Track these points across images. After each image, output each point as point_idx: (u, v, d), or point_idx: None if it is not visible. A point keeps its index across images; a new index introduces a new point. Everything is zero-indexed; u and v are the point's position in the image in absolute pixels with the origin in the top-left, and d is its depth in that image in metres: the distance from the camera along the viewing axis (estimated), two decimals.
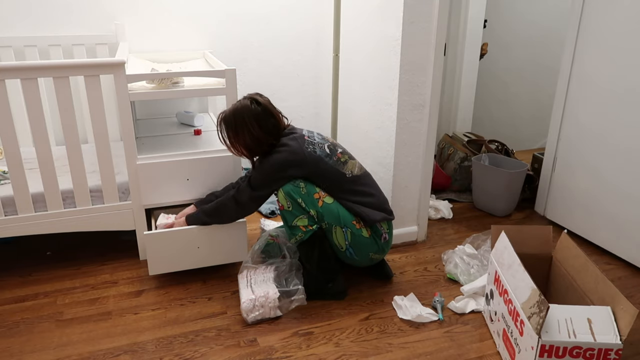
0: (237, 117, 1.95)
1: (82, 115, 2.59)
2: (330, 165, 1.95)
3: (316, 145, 1.97)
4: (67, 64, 1.95)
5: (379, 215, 1.98)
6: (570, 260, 1.79)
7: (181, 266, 2.10)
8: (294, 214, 1.91)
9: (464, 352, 1.77)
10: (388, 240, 2.03)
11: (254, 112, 1.94)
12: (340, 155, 2.00)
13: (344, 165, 1.98)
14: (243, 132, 1.94)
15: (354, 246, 1.95)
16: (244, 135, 1.95)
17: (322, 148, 1.97)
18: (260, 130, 1.94)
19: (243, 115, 1.94)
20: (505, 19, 3.56)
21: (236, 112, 1.96)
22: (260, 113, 1.95)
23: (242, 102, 1.98)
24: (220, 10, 2.78)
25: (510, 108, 3.83)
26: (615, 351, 1.45)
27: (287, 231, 1.96)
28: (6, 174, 2.19)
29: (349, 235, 1.93)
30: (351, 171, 1.99)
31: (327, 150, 1.98)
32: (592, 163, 2.44)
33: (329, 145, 2.00)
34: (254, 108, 1.95)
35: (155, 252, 2.04)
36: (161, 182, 2.17)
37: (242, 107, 1.96)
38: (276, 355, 1.73)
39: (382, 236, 1.99)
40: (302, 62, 3.03)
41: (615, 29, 2.25)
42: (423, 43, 2.15)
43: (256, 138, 1.95)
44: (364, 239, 1.95)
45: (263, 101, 1.99)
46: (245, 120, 1.94)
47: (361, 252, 1.97)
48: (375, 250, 2.00)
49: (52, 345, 1.77)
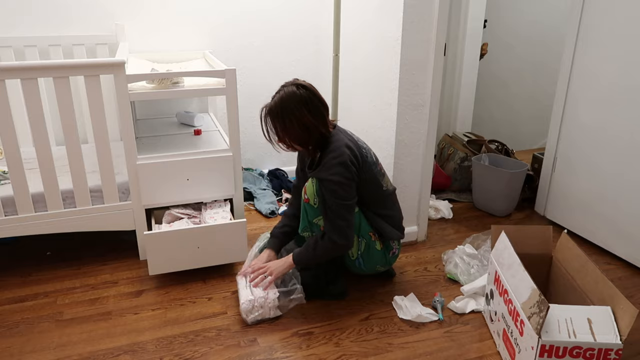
0: (285, 106, 1.79)
1: (82, 115, 2.59)
2: (375, 173, 1.90)
3: (367, 149, 1.91)
4: (67, 64, 1.95)
5: (395, 233, 1.98)
6: (570, 260, 1.79)
7: (181, 266, 2.10)
8: (317, 212, 1.87)
9: (464, 352, 1.77)
10: (396, 254, 2.04)
11: (303, 98, 1.79)
12: (381, 167, 1.97)
13: (383, 178, 1.95)
14: (292, 121, 1.79)
15: (365, 257, 1.96)
16: (294, 125, 1.79)
17: (370, 154, 1.92)
18: (310, 116, 1.79)
19: (291, 103, 1.78)
20: (505, 19, 3.56)
21: (283, 102, 1.79)
22: (309, 97, 1.80)
23: (287, 89, 1.81)
24: (221, 10, 2.78)
25: (510, 108, 3.83)
26: (615, 351, 1.45)
27: (304, 224, 1.90)
28: (6, 174, 2.19)
29: (363, 246, 1.93)
30: (387, 185, 1.97)
31: (374, 157, 1.94)
32: (592, 163, 2.44)
33: (373, 153, 1.96)
34: (301, 93, 1.79)
35: (155, 252, 2.04)
36: (161, 182, 2.17)
37: (288, 95, 1.80)
38: (276, 355, 1.73)
39: (391, 251, 2.01)
40: (302, 62, 3.03)
41: (615, 28, 2.25)
42: (423, 43, 2.15)
43: (307, 126, 1.80)
44: (376, 251, 1.96)
45: (308, 84, 1.84)
46: (294, 108, 1.78)
47: (370, 264, 1.98)
48: (383, 264, 2.01)
49: (52, 345, 1.77)
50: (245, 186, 2.88)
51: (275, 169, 3.12)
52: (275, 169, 3.12)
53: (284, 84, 1.86)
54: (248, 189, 2.89)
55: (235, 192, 2.31)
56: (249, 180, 2.96)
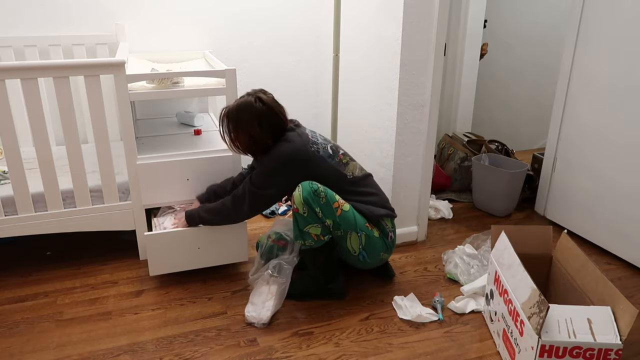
0: (239, 114, 1.90)
1: (82, 115, 2.59)
2: (332, 165, 1.93)
3: (319, 145, 1.95)
4: (67, 64, 1.95)
5: (382, 210, 1.97)
6: (570, 260, 1.79)
7: (181, 267, 2.10)
8: (308, 221, 1.86)
9: (464, 352, 1.77)
10: (393, 239, 2.03)
11: (257, 111, 1.89)
12: (342, 157, 1.99)
13: (345, 167, 1.97)
14: (243, 131, 1.91)
15: (367, 249, 1.95)
16: (244, 134, 1.91)
17: (325, 148, 1.95)
18: (260, 131, 1.90)
19: (245, 113, 1.89)
20: (505, 19, 3.56)
21: (239, 109, 1.91)
22: (263, 112, 1.90)
23: (246, 99, 1.92)
24: (221, 10, 2.78)
25: (510, 108, 3.83)
26: (615, 351, 1.45)
27: (296, 233, 1.91)
28: (6, 174, 2.19)
29: (364, 239, 1.92)
30: (352, 172, 1.98)
31: (329, 150, 1.96)
32: (592, 163, 2.44)
33: (331, 146, 1.99)
34: (257, 107, 1.89)
35: (155, 253, 2.04)
36: (161, 182, 2.17)
37: (245, 104, 1.91)
38: (276, 355, 1.73)
39: (388, 235, 1.99)
40: (302, 62, 3.03)
41: (615, 28, 2.25)
42: (423, 43, 2.15)
43: (255, 139, 1.91)
44: (376, 239, 1.95)
45: (267, 99, 1.92)
46: (245, 119, 1.89)
47: (373, 254, 1.97)
48: (385, 250, 2.00)
49: (52, 345, 1.77)
50: None
51: None
52: None
53: (249, 91, 1.97)
54: None
55: None
56: None
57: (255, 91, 1.96)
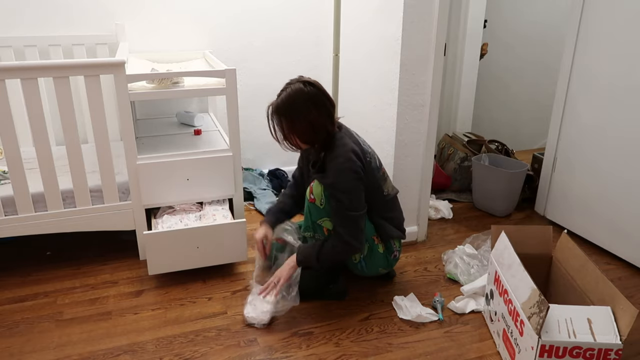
0: (293, 103, 1.76)
1: (82, 115, 2.59)
2: (377, 179, 1.89)
3: (371, 155, 1.89)
4: (67, 64, 1.95)
5: (395, 232, 1.98)
6: (570, 260, 1.79)
7: (181, 266, 2.10)
8: (322, 213, 1.85)
9: (464, 352, 1.77)
10: (397, 257, 2.04)
11: (310, 95, 1.76)
12: (384, 171, 1.96)
13: (385, 182, 1.94)
14: (299, 119, 1.76)
15: (368, 260, 1.95)
16: (301, 123, 1.77)
17: (374, 159, 1.91)
18: (318, 115, 1.76)
19: (298, 100, 1.75)
20: (505, 19, 3.56)
21: (290, 99, 1.76)
22: (316, 95, 1.77)
23: (294, 86, 1.78)
24: (221, 10, 2.78)
25: (510, 108, 3.83)
26: (615, 351, 1.45)
27: (307, 224, 1.88)
28: (6, 174, 2.19)
29: (366, 249, 1.93)
30: (388, 190, 1.95)
31: (377, 162, 1.92)
32: (592, 163, 2.44)
33: (377, 157, 1.95)
34: (308, 90, 1.76)
35: (154, 252, 2.04)
36: (161, 182, 2.17)
37: (295, 92, 1.76)
38: (276, 355, 1.73)
39: (393, 253, 2.00)
40: (302, 62, 3.03)
41: (615, 28, 2.25)
42: (423, 43, 2.15)
43: (314, 124, 1.77)
44: (379, 254, 1.96)
45: (315, 82, 1.81)
46: (301, 106, 1.75)
47: (372, 266, 1.97)
48: (384, 266, 2.01)
49: (52, 345, 1.77)
50: (245, 186, 2.88)
51: (275, 169, 3.12)
52: (275, 169, 3.12)
53: (290, 81, 1.83)
54: (248, 189, 2.89)
55: (235, 192, 2.31)
56: (249, 180, 2.96)
57: (295, 80, 1.82)
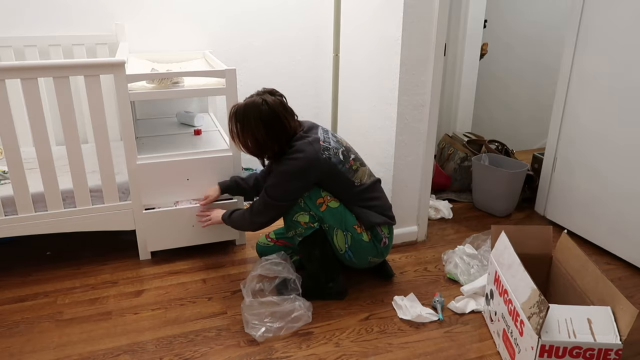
0: (246, 116, 1.84)
1: (82, 115, 2.59)
2: (342, 172, 1.91)
3: (331, 150, 1.90)
4: (67, 64, 1.95)
5: (380, 218, 1.96)
6: (570, 260, 1.79)
7: (177, 243, 2.22)
8: (297, 208, 1.89)
9: (464, 352, 1.77)
10: (388, 245, 2.02)
11: (262, 114, 1.82)
12: (353, 163, 1.96)
13: (355, 174, 1.95)
14: (247, 132, 1.85)
15: (353, 250, 1.94)
16: (248, 136, 1.86)
17: (336, 154, 1.91)
18: (265, 136, 1.84)
19: (251, 115, 1.83)
20: (505, 19, 3.56)
21: (246, 110, 1.84)
22: (268, 116, 1.82)
23: (254, 99, 1.85)
24: (221, 10, 2.78)
25: (510, 108, 3.83)
26: (615, 351, 1.45)
27: (288, 224, 1.94)
28: (6, 174, 2.19)
29: (349, 239, 1.92)
30: (360, 180, 1.96)
31: (341, 156, 1.92)
32: (592, 163, 2.44)
33: (342, 151, 1.95)
34: (262, 109, 1.82)
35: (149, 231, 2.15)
36: (161, 182, 2.17)
37: (252, 105, 1.84)
38: (276, 355, 1.73)
39: (382, 241, 1.99)
40: (302, 62, 3.03)
41: (615, 28, 2.25)
42: (423, 43, 2.15)
43: (260, 143, 1.86)
44: (364, 243, 1.95)
45: (273, 103, 1.84)
46: (251, 121, 1.83)
47: (360, 256, 1.97)
48: (374, 255, 1.99)
49: (52, 345, 1.77)
50: None
51: None
52: None
53: (258, 91, 1.91)
54: None
55: None
56: None
57: (264, 91, 1.89)
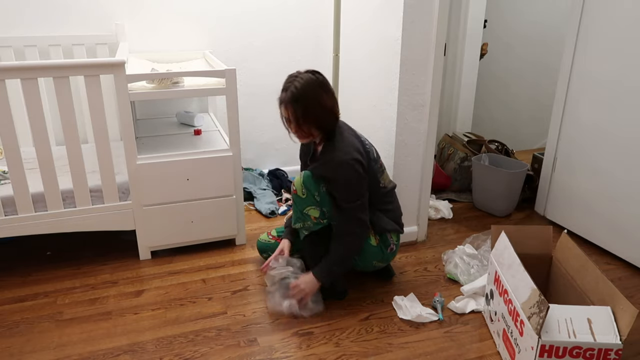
0: (306, 92, 1.82)
1: (82, 115, 2.59)
2: (375, 170, 1.92)
3: (369, 145, 1.94)
4: (67, 64, 1.95)
5: (391, 225, 1.98)
6: (570, 260, 1.79)
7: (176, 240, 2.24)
8: (306, 203, 1.89)
9: (464, 352, 1.77)
10: (394, 251, 2.04)
11: (319, 81, 1.85)
12: (381, 164, 1.99)
13: (382, 175, 1.97)
14: (314, 106, 1.82)
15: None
16: (315, 109, 1.83)
17: (372, 150, 1.95)
18: (328, 98, 1.85)
19: (311, 87, 1.83)
20: (505, 19, 3.56)
21: (305, 87, 1.82)
22: (324, 81, 1.87)
23: (304, 76, 1.85)
24: (221, 10, 2.78)
25: (510, 108, 3.83)
26: (615, 351, 1.45)
27: (297, 215, 1.93)
28: (6, 174, 2.19)
29: None
30: (384, 182, 1.98)
31: (375, 154, 1.96)
32: (592, 163, 2.44)
33: (375, 149, 1.98)
34: (317, 77, 1.85)
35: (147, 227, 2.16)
36: (161, 182, 2.17)
37: (307, 80, 1.83)
38: (276, 355, 1.73)
39: (389, 247, 2.00)
40: (302, 62, 3.03)
41: (615, 28, 2.25)
42: (423, 43, 2.15)
43: (326, 108, 1.85)
44: (371, 247, 1.96)
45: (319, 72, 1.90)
46: (314, 92, 1.83)
47: (365, 259, 1.98)
48: (380, 259, 2.01)
49: (52, 345, 1.77)
50: (245, 186, 2.88)
51: (276, 169, 3.12)
52: (276, 169, 3.12)
53: (294, 74, 1.87)
54: (248, 189, 2.89)
55: (235, 192, 2.31)
56: (249, 180, 2.96)
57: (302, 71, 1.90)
